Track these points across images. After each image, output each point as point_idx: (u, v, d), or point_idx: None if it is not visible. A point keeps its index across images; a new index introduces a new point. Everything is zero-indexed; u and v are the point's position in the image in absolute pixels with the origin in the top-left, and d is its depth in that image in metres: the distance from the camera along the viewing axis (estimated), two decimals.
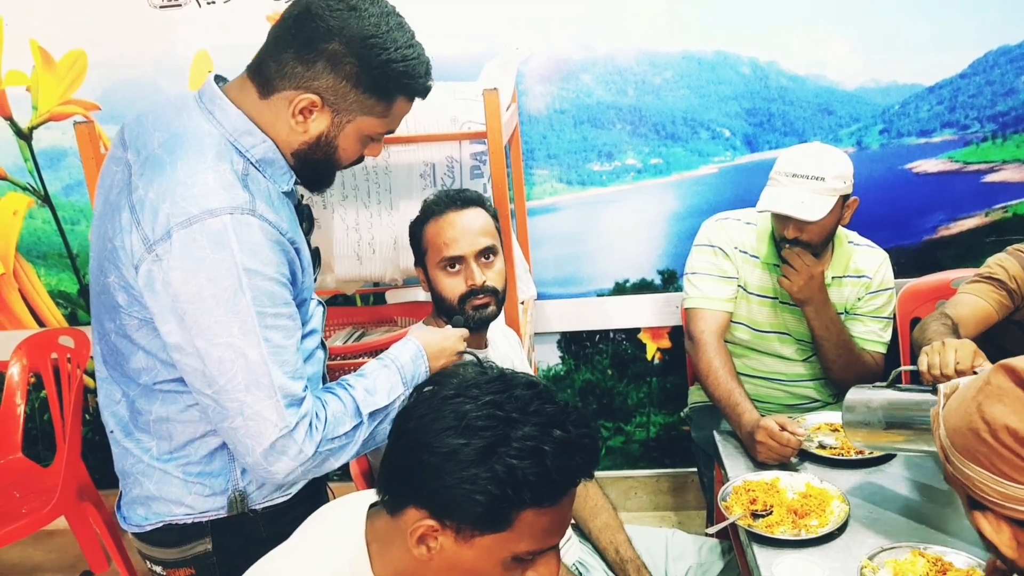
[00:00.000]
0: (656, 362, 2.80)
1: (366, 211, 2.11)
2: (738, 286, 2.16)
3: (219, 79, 1.33)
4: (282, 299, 1.23)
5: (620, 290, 2.72)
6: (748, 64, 2.48)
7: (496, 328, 1.81)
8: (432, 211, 1.68)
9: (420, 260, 1.72)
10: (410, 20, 1.30)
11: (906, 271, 2.47)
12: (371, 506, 1.11)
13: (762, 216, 2.14)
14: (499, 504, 0.96)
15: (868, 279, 2.14)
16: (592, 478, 1.03)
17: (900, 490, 1.70)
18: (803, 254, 2.00)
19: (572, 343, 2.81)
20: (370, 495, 1.12)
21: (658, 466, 2.92)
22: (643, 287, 2.71)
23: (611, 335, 2.79)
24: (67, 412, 2.47)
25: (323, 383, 1.44)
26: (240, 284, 1.18)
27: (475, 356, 1.53)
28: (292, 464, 1.23)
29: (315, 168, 1.34)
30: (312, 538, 1.12)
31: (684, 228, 2.59)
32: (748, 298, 2.17)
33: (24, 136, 2.71)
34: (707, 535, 1.81)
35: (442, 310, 1.69)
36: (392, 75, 1.26)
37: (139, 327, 1.26)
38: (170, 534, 1.37)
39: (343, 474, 1.69)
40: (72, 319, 2.90)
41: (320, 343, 1.44)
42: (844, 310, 2.14)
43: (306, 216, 1.41)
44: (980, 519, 0.98)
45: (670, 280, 2.69)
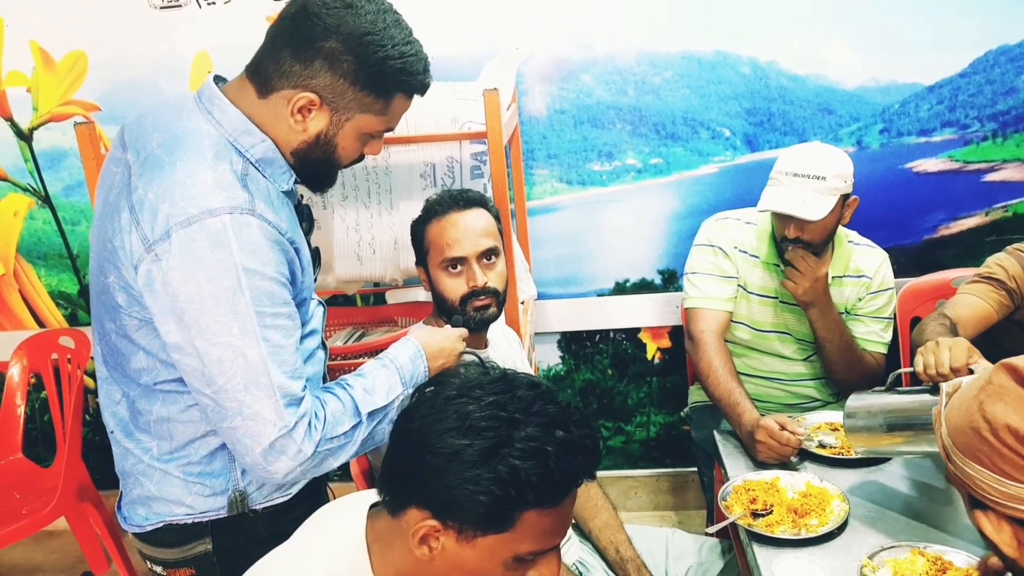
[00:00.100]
0: (656, 362, 2.80)
1: (366, 211, 2.11)
2: (738, 286, 2.16)
3: (218, 79, 1.33)
4: (281, 299, 1.23)
5: (620, 290, 2.72)
6: (748, 64, 2.48)
7: (496, 328, 1.81)
8: (435, 211, 1.68)
9: (422, 260, 1.71)
10: (410, 20, 1.30)
11: (906, 270, 2.47)
12: (372, 506, 1.11)
13: (762, 216, 2.14)
14: (501, 505, 0.96)
15: (868, 279, 2.14)
16: (594, 479, 1.03)
17: (900, 489, 1.70)
18: (807, 256, 1.99)
19: (572, 343, 2.81)
20: (370, 495, 1.12)
21: (658, 466, 2.92)
22: (643, 287, 2.71)
23: (611, 335, 2.78)
24: (67, 413, 2.47)
25: (323, 383, 1.44)
26: (239, 284, 1.18)
27: (477, 356, 1.53)
28: (291, 464, 1.23)
29: (315, 167, 1.33)
30: (312, 538, 1.12)
31: (684, 228, 2.58)
32: (748, 298, 2.17)
33: (24, 137, 2.71)
34: (707, 534, 1.81)
35: (443, 310, 1.69)
36: (389, 72, 1.26)
37: (139, 327, 1.26)
38: (170, 534, 1.37)
39: (343, 474, 1.69)
40: (72, 320, 2.90)
41: (320, 343, 1.44)
42: (844, 310, 2.14)
43: (306, 216, 1.41)
44: (981, 518, 0.98)
45: (670, 280, 2.69)
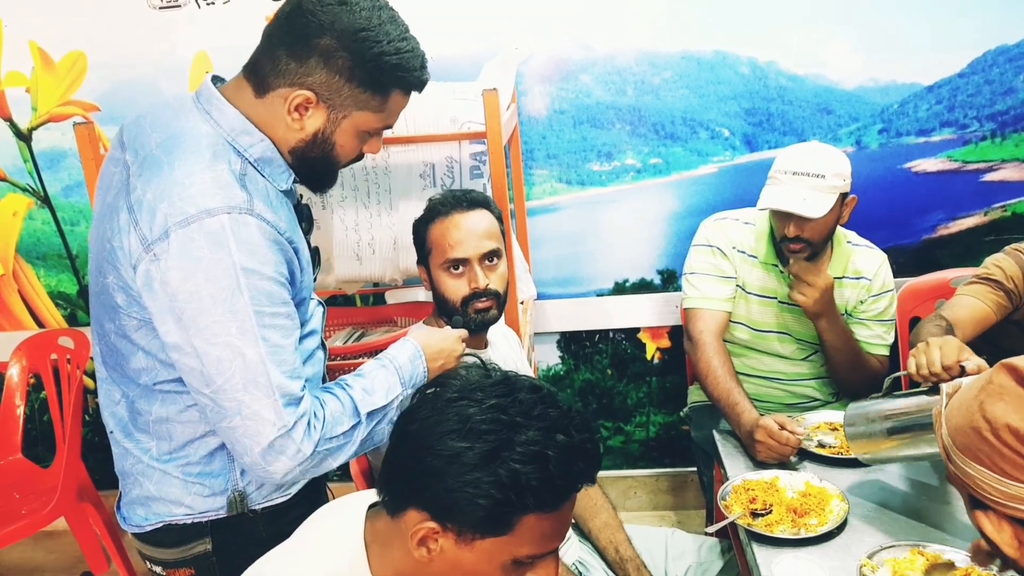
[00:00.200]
0: (656, 362, 2.80)
1: (366, 211, 2.10)
2: (736, 286, 2.16)
3: (216, 80, 1.33)
4: (280, 298, 1.23)
5: (620, 290, 2.72)
6: (747, 64, 2.48)
7: (496, 328, 1.81)
8: (438, 211, 1.67)
9: (423, 259, 1.71)
10: (409, 20, 1.30)
11: (905, 270, 2.47)
12: (371, 507, 1.11)
13: (760, 216, 2.14)
14: (501, 508, 0.96)
15: (868, 281, 2.14)
16: (594, 483, 1.03)
17: (899, 489, 1.70)
18: (812, 267, 2.00)
19: (572, 343, 2.81)
20: (370, 495, 1.12)
21: (658, 466, 2.92)
22: (643, 287, 2.71)
23: (611, 335, 2.78)
24: (67, 413, 2.47)
25: (323, 383, 1.43)
26: (238, 283, 1.18)
27: (478, 358, 1.52)
28: (290, 464, 1.23)
29: (313, 166, 1.33)
30: (311, 538, 1.12)
31: (684, 228, 2.58)
32: (747, 298, 2.17)
33: (24, 137, 2.71)
34: (707, 534, 1.81)
35: (443, 310, 1.68)
36: (385, 68, 1.25)
37: (138, 327, 1.26)
38: (170, 534, 1.37)
39: (343, 474, 1.69)
40: (72, 320, 2.90)
41: (320, 343, 1.44)
42: (844, 311, 2.14)
43: (305, 216, 1.41)
44: (982, 518, 0.98)
45: (670, 280, 2.69)
